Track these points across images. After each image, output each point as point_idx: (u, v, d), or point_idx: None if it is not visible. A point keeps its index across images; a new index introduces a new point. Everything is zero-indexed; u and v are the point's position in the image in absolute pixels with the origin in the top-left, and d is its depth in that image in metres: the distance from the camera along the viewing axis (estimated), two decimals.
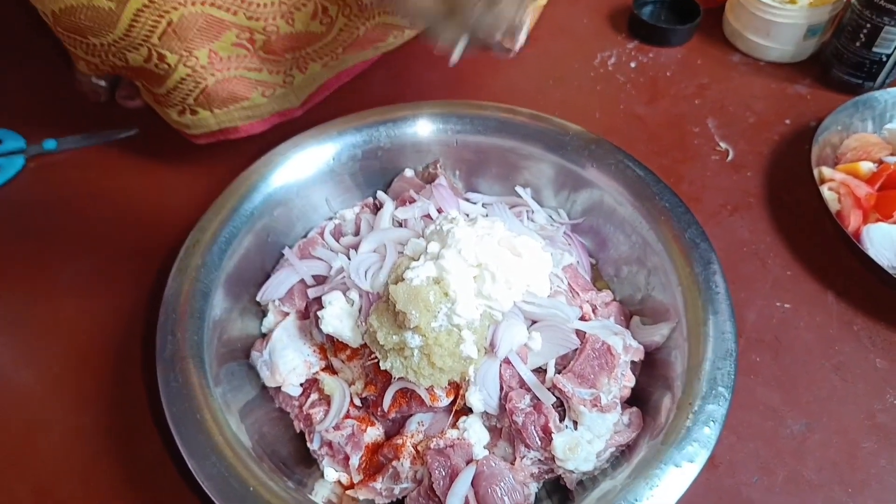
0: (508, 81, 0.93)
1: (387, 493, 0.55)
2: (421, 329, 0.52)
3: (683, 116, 0.89)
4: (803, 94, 0.91)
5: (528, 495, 0.54)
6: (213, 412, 0.53)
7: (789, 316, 0.70)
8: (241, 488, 0.49)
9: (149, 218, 0.77)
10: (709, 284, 0.58)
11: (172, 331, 0.56)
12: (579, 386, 0.54)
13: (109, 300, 0.70)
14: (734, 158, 0.84)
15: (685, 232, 0.62)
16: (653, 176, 0.66)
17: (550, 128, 0.71)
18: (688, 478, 0.49)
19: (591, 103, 0.91)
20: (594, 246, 0.71)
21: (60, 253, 0.75)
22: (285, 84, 0.75)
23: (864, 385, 0.65)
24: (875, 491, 0.59)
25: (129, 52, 0.64)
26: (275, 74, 0.73)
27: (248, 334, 0.64)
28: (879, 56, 0.84)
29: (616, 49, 0.97)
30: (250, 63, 0.70)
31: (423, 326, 0.52)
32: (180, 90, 0.69)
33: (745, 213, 0.78)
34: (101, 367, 0.65)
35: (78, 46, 0.66)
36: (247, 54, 0.69)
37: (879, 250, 0.69)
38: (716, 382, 0.53)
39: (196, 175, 0.81)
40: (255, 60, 0.70)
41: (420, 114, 0.72)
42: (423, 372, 0.53)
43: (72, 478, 0.59)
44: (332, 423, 0.56)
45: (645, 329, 0.62)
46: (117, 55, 0.65)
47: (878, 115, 0.82)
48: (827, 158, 0.79)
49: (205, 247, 0.62)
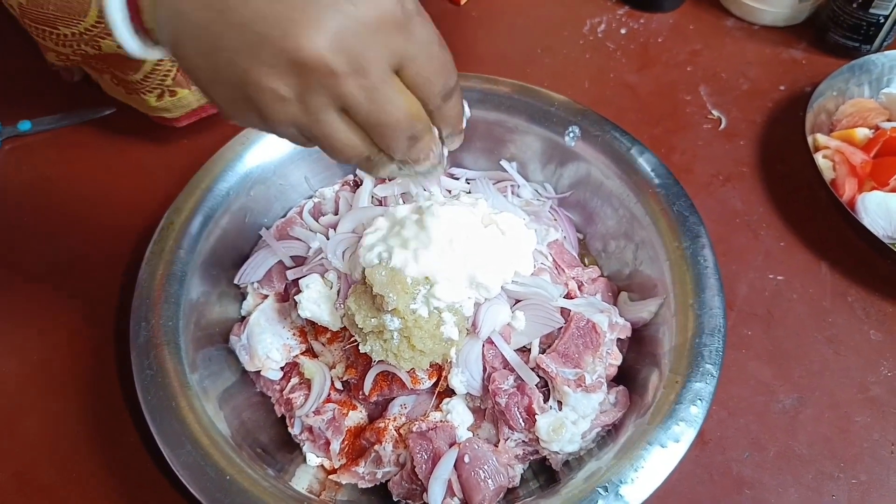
0: (495, 51, 0.91)
1: (369, 477, 0.54)
2: (399, 311, 0.50)
3: (675, 84, 0.86)
4: (798, 58, 0.88)
5: (513, 477, 0.53)
6: (188, 400, 0.52)
7: (782, 288, 0.68)
8: (217, 477, 0.48)
9: (126, 199, 0.75)
10: (697, 259, 0.57)
11: (146, 317, 0.55)
12: (563, 366, 0.53)
13: (87, 283, 0.68)
14: (727, 127, 0.82)
15: (673, 205, 0.60)
16: (640, 147, 0.64)
17: (536, 99, 0.68)
18: (674, 458, 0.48)
19: (580, 72, 0.88)
20: (582, 220, 0.69)
21: (37, 235, 0.73)
22: None
23: (858, 357, 0.64)
24: (867, 465, 0.58)
25: (103, 38, 0.63)
26: None
27: (228, 318, 0.63)
28: (877, 18, 0.81)
29: (606, 15, 0.94)
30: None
31: (402, 308, 0.50)
32: (157, 72, 0.68)
33: (738, 183, 0.76)
34: (78, 354, 0.64)
35: (47, 38, 0.64)
36: None
37: (874, 219, 0.67)
38: (703, 360, 0.52)
39: (174, 154, 0.79)
40: None
41: None
42: (404, 355, 0.51)
43: (52, 464, 0.59)
44: (313, 408, 0.55)
45: (633, 305, 0.60)
46: (90, 43, 0.64)
47: (874, 80, 0.79)
48: (822, 125, 0.77)
49: (179, 229, 0.60)
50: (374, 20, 0.34)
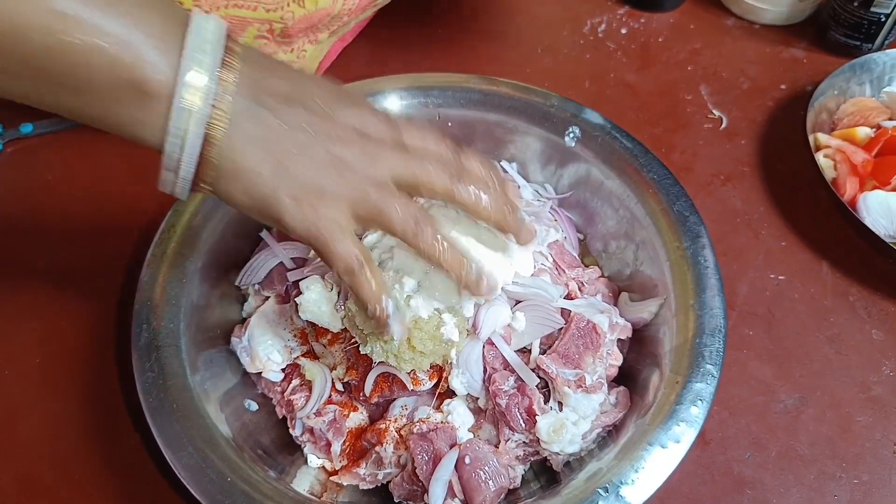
0: (495, 52, 0.91)
1: (370, 478, 0.54)
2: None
3: (676, 84, 0.86)
4: (799, 57, 0.88)
5: (514, 478, 0.53)
6: (190, 401, 0.52)
7: (783, 288, 0.68)
8: (218, 479, 0.48)
9: (128, 201, 0.75)
10: (697, 259, 0.57)
11: (147, 319, 0.55)
12: (563, 366, 0.53)
13: (88, 286, 0.68)
14: (727, 126, 0.82)
15: (673, 205, 0.60)
16: (641, 147, 0.64)
17: (536, 99, 0.68)
18: (675, 458, 0.48)
19: (580, 72, 0.88)
20: (582, 221, 0.69)
21: (38, 238, 0.73)
22: (299, 59, 0.77)
23: (859, 357, 0.64)
24: (869, 465, 0.58)
25: None
26: (289, 53, 0.75)
27: (229, 319, 0.63)
28: (878, 16, 0.81)
29: (606, 15, 0.94)
30: (268, 49, 0.73)
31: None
32: None
33: (738, 183, 0.76)
34: (80, 356, 0.64)
35: None
36: (267, 43, 0.72)
37: (876, 218, 0.67)
38: (704, 360, 0.52)
39: None
40: (272, 46, 0.73)
41: (400, 87, 0.69)
42: (404, 356, 0.51)
43: (54, 466, 0.59)
44: (314, 409, 0.55)
45: (633, 306, 0.60)
46: None
47: (876, 78, 0.79)
48: (823, 124, 0.77)
49: (181, 231, 0.60)
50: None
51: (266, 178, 0.40)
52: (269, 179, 0.40)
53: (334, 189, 0.41)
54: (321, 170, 0.41)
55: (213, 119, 0.39)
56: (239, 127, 0.40)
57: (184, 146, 0.39)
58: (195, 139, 0.39)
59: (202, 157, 0.40)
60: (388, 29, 0.90)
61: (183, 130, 0.39)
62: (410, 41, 0.91)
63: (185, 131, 0.39)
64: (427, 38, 0.92)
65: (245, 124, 0.40)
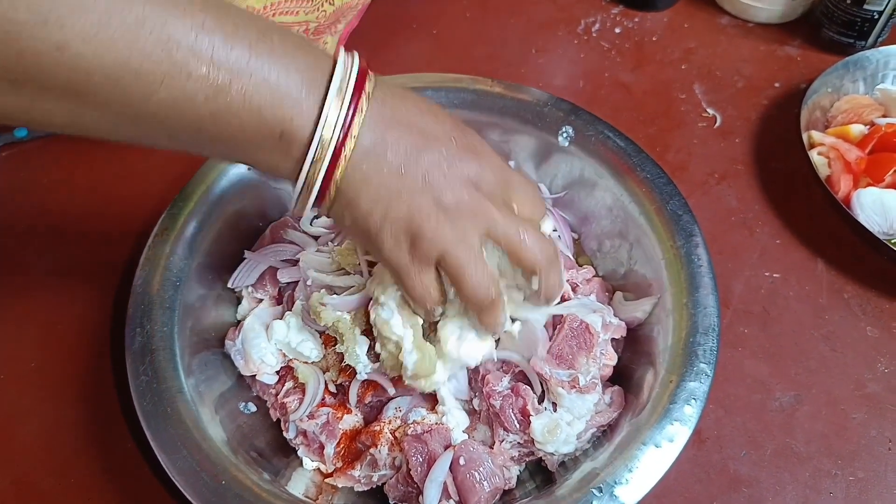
0: (489, 52, 0.91)
1: (365, 480, 0.54)
2: None
3: (670, 83, 0.86)
4: (793, 55, 0.88)
5: (509, 478, 0.53)
6: (184, 405, 0.52)
7: (778, 286, 0.68)
8: (213, 482, 0.48)
9: (122, 204, 0.75)
10: (691, 258, 0.57)
11: (141, 322, 0.55)
12: (557, 367, 0.53)
13: (83, 289, 0.68)
14: (722, 124, 0.82)
15: (667, 204, 0.60)
16: (634, 146, 0.64)
17: (529, 99, 0.68)
18: (669, 458, 0.48)
19: (575, 72, 0.88)
20: (576, 220, 0.69)
21: (33, 241, 0.73)
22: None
23: (855, 354, 0.64)
24: (865, 462, 0.58)
25: None
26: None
27: (223, 322, 0.63)
28: (871, 13, 0.81)
29: (600, 14, 0.94)
30: None
31: None
32: None
33: (733, 181, 0.76)
34: (76, 360, 0.64)
35: None
36: None
37: (870, 216, 0.67)
38: (697, 359, 0.52)
39: (170, 159, 0.78)
40: None
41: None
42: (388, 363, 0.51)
43: (50, 471, 0.59)
44: (307, 412, 0.55)
45: (627, 305, 0.60)
46: None
47: (869, 76, 0.79)
48: (817, 122, 0.77)
49: (174, 235, 0.60)
50: None
51: (376, 218, 0.43)
52: (378, 220, 0.43)
53: (431, 238, 0.43)
54: (425, 219, 0.43)
55: (338, 165, 0.41)
56: (358, 169, 0.42)
57: (311, 190, 0.42)
58: (320, 181, 0.42)
59: (320, 192, 0.43)
60: (381, 29, 0.90)
61: (313, 176, 0.41)
62: (404, 42, 0.91)
63: (315, 178, 0.42)
64: (421, 39, 0.92)
65: (364, 165, 0.42)
